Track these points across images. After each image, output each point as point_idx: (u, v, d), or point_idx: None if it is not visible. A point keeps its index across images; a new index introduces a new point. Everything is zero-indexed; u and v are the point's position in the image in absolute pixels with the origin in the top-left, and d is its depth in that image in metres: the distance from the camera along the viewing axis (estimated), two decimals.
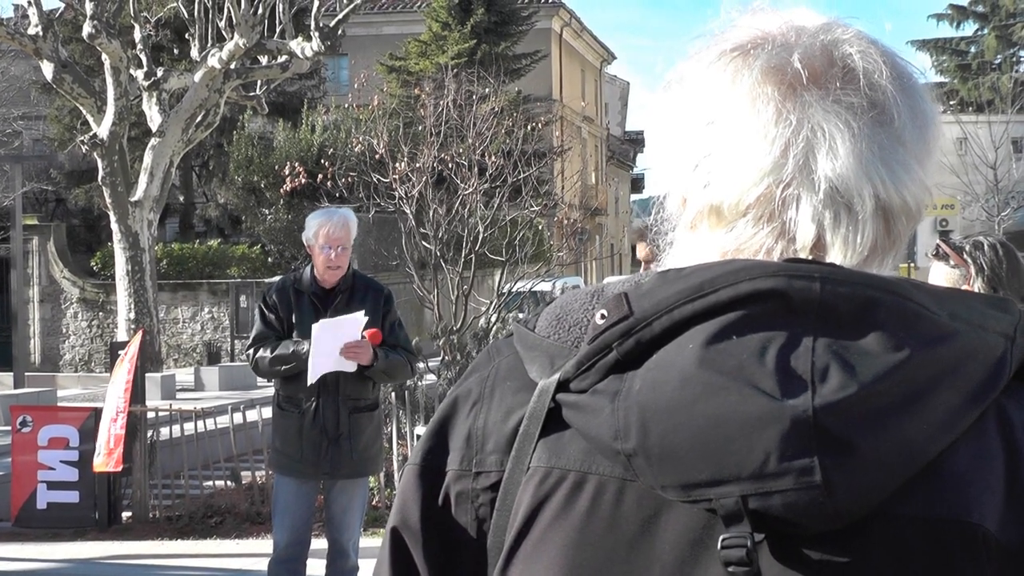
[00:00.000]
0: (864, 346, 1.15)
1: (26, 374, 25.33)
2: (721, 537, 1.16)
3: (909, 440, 1.13)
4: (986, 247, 4.08)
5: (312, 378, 6.70)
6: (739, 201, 1.27)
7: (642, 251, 5.27)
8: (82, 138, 18.48)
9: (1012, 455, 1.17)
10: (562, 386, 1.25)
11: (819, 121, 1.24)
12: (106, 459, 10.65)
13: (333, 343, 6.66)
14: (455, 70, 23.30)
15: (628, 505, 1.21)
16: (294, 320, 6.88)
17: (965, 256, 4.07)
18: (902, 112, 1.27)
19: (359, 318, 6.69)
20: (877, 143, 1.25)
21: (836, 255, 1.25)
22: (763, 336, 1.16)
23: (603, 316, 1.23)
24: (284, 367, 6.81)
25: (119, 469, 10.78)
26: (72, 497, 11.69)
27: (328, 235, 6.82)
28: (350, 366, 6.74)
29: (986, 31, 63.77)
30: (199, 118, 18.32)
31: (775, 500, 1.13)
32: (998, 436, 1.17)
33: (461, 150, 17.81)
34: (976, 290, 4.03)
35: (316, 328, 6.62)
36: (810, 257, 1.24)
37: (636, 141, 77.74)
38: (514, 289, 17.23)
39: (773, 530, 1.15)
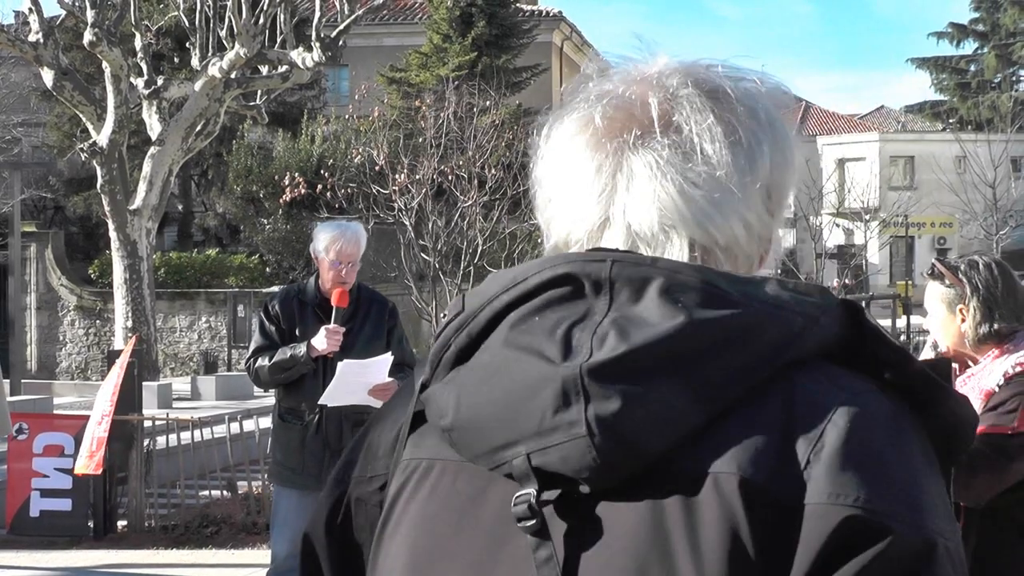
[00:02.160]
0: (644, 317, 1.24)
1: (22, 381, 25.31)
2: (514, 495, 1.26)
3: (676, 400, 1.21)
4: (981, 266, 4.09)
5: (327, 403, 6.67)
6: (567, 239, 1.40)
7: None
8: (81, 146, 18.47)
9: (787, 415, 1.23)
10: (425, 387, 1.38)
11: (624, 164, 1.35)
12: (87, 462, 10.63)
13: (357, 381, 6.60)
14: (456, 82, 23.35)
15: (461, 483, 1.34)
16: (297, 332, 6.79)
17: (960, 275, 4.08)
18: (717, 149, 1.34)
19: (386, 359, 6.64)
20: (679, 179, 1.33)
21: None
22: (559, 314, 1.28)
23: (444, 315, 1.41)
24: (284, 374, 6.75)
25: (99, 472, 10.74)
26: (65, 505, 11.67)
27: (340, 251, 6.75)
28: (372, 402, 6.70)
29: (986, 50, 63.90)
30: (199, 127, 18.32)
31: (552, 455, 1.23)
32: (778, 400, 1.24)
33: (461, 162, 17.85)
34: (971, 310, 4.04)
35: (341, 367, 6.54)
36: (613, 247, 1.35)
37: None
38: None
39: (558, 487, 1.24)
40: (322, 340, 6.62)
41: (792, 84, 1.47)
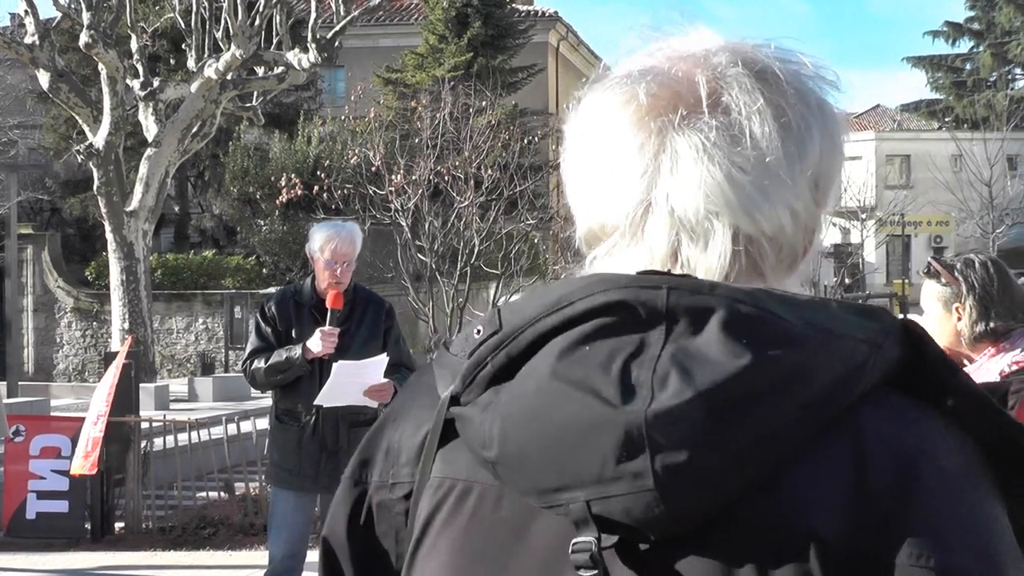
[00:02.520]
0: (706, 353, 1.17)
1: (19, 383, 25.28)
2: (572, 541, 1.20)
3: (745, 446, 1.15)
4: (977, 265, 4.09)
5: (323, 404, 6.66)
6: (604, 224, 1.33)
7: None
8: (78, 148, 18.49)
9: (859, 463, 1.17)
10: (455, 400, 1.30)
11: (676, 148, 1.28)
12: (83, 462, 10.62)
13: (352, 382, 6.60)
14: (452, 83, 23.35)
15: (505, 512, 1.27)
16: (294, 334, 6.76)
17: (956, 274, 4.08)
18: (770, 136, 1.28)
19: (381, 360, 6.63)
20: (727, 164, 1.27)
21: (698, 276, 1.27)
22: (612, 346, 1.20)
23: (478, 331, 1.30)
24: (280, 376, 6.73)
25: (94, 472, 10.74)
26: (62, 507, 11.67)
27: (335, 251, 6.72)
28: (368, 403, 6.70)
29: (982, 49, 63.90)
30: (195, 129, 18.33)
31: (614, 504, 1.17)
32: (848, 443, 1.18)
33: (457, 163, 17.84)
34: (967, 308, 4.04)
35: (336, 368, 6.52)
36: (667, 269, 1.28)
37: None
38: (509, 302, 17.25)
39: (622, 535, 1.18)
40: (317, 342, 6.61)
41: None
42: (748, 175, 1.27)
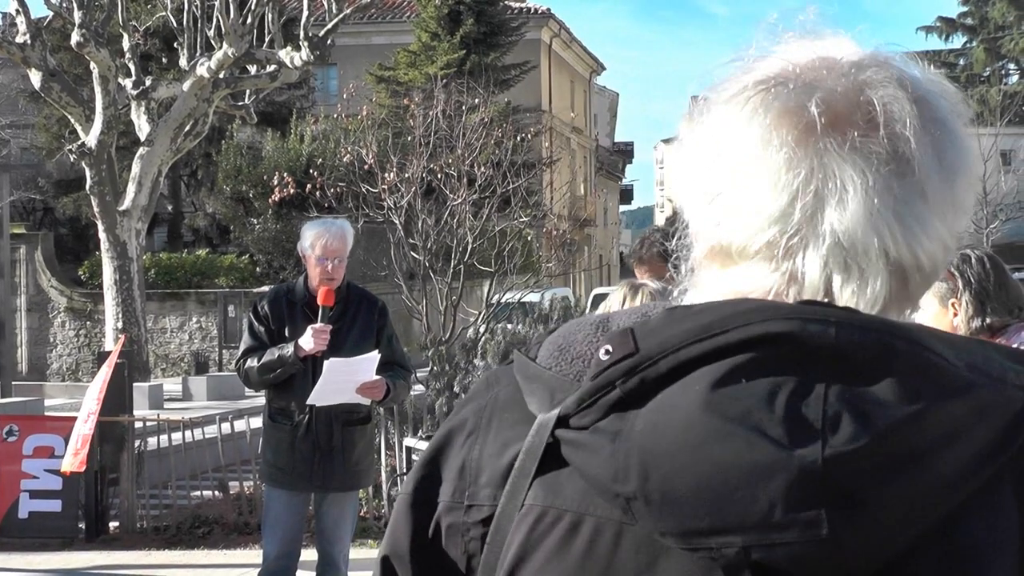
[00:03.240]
0: (878, 395, 1.11)
1: (13, 383, 25.25)
2: None
3: (920, 495, 1.09)
4: (973, 260, 4.09)
5: (315, 403, 6.66)
6: (746, 245, 1.23)
7: (641, 277, 5.24)
8: (70, 147, 18.45)
9: None
10: (562, 421, 1.20)
11: (832, 170, 1.20)
12: (72, 460, 10.60)
13: (344, 380, 6.59)
14: (444, 80, 23.34)
15: (626, 550, 1.17)
16: (287, 332, 6.75)
17: (952, 270, 4.08)
18: (927, 164, 1.21)
19: (373, 358, 6.62)
20: (893, 196, 1.20)
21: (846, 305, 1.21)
22: (773, 381, 1.12)
23: (607, 352, 1.19)
24: (272, 374, 6.72)
25: (82, 470, 10.72)
26: (54, 506, 11.64)
27: (325, 246, 6.72)
28: (361, 400, 6.69)
29: (975, 44, 63.94)
30: (187, 127, 18.30)
31: (779, 552, 1.09)
32: (1014, 496, 1.14)
33: (450, 161, 17.85)
34: (963, 304, 4.04)
35: (327, 365, 6.52)
36: (825, 300, 1.20)
37: (625, 152, 77.75)
38: (503, 300, 17.25)
39: None
40: (309, 340, 6.60)
41: None
42: (913, 208, 1.21)
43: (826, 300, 1.20)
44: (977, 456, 1.11)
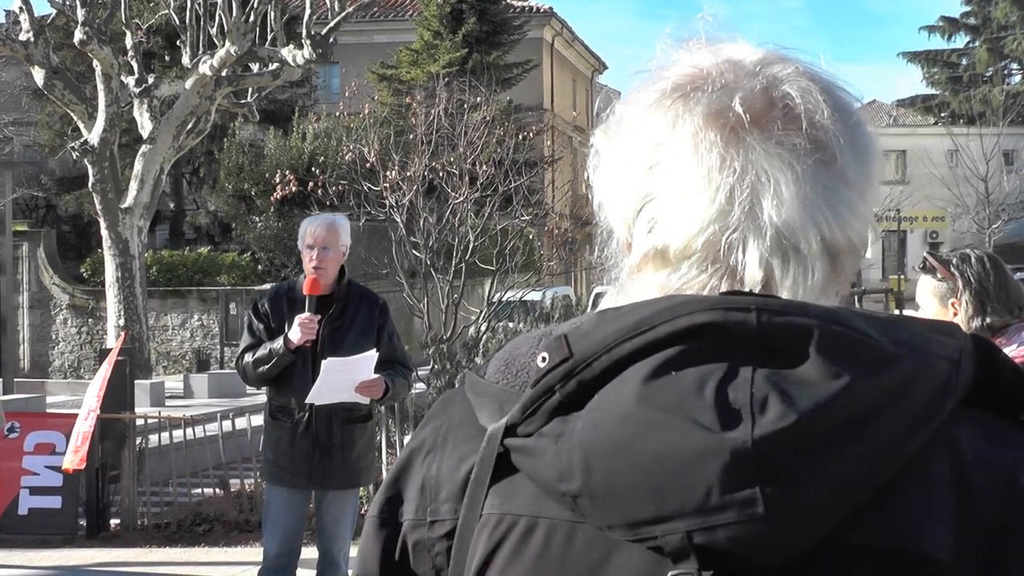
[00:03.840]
0: (803, 375, 1.14)
1: (15, 380, 25.28)
2: (669, 574, 1.15)
3: (852, 468, 1.12)
4: (973, 260, 4.09)
5: (314, 402, 6.66)
6: (685, 247, 1.26)
7: None
8: (73, 144, 18.45)
9: (961, 483, 1.16)
10: (510, 431, 1.24)
11: (763, 165, 1.24)
12: (72, 457, 10.62)
13: (342, 379, 6.60)
14: (446, 79, 23.34)
15: (578, 548, 1.20)
16: (287, 330, 6.76)
17: (952, 269, 4.08)
18: (844, 150, 1.26)
19: (371, 356, 6.63)
20: (821, 184, 1.25)
21: (786, 296, 1.24)
22: (702, 370, 1.16)
23: (544, 359, 1.23)
24: (265, 367, 6.72)
25: (83, 467, 10.73)
26: (55, 503, 11.66)
27: (312, 234, 6.77)
28: (359, 399, 6.70)
29: (977, 43, 63.91)
30: (190, 125, 18.30)
31: (720, 534, 1.11)
32: (947, 463, 1.17)
33: (452, 159, 17.84)
34: (964, 303, 4.04)
35: (325, 365, 6.53)
36: (747, 289, 1.24)
37: None
38: (504, 298, 17.25)
39: (721, 566, 1.13)
40: (296, 330, 6.63)
41: None
42: (840, 194, 1.26)
43: (759, 291, 1.24)
44: (906, 427, 1.14)
